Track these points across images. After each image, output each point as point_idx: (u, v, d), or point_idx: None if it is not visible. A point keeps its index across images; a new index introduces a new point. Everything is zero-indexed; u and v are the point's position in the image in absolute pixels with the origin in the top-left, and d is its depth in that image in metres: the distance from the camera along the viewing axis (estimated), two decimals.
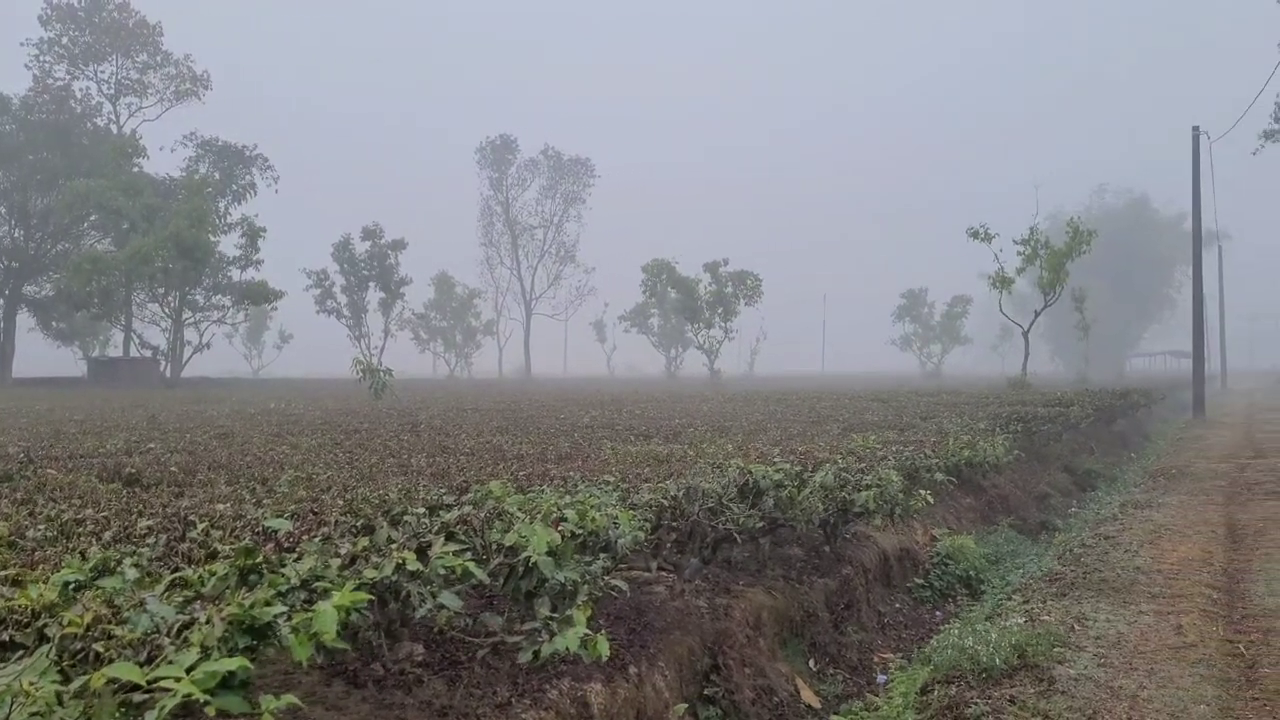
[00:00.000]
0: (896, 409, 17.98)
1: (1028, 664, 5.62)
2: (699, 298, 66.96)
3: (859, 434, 11.32)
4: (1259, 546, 9.49)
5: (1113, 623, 6.65)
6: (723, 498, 5.78)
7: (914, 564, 8.95)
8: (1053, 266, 32.52)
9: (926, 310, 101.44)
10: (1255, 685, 5.39)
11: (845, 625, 7.17)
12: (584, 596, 3.85)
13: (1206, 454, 19.41)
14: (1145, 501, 12.72)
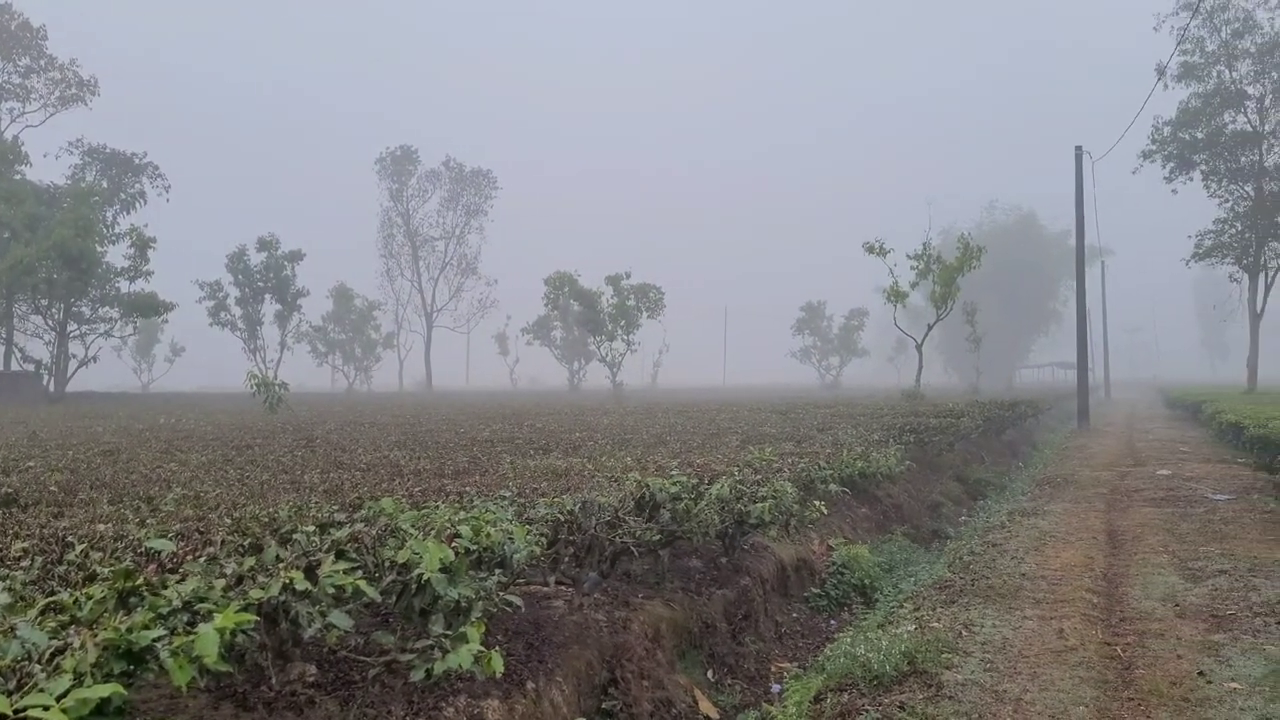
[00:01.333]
0: (794, 421, 18.23)
1: (917, 670, 5.75)
2: (601, 310, 67.01)
3: (756, 446, 11.45)
4: (1137, 551, 9.87)
5: (999, 628, 6.85)
6: (619, 511, 5.80)
7: (811, 573, 9.08)
8: (944, 281, 33.40)
9: (825, 323, 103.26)
10: (1130, 686, 5.61)
11: (743, 636, 7.24)
12: (478, 613, 3.83)
13: (1090, 462, 20.12)
14: (1032, 509, 13.13)
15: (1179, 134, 49.73)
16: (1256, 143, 48.84)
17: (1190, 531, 10.98)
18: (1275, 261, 48.97)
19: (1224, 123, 49.46)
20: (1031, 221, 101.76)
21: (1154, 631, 6.75)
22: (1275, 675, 5.72)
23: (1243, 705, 5.24)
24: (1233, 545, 10.03)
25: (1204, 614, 7.22)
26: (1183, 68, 49.05)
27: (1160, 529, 11.21)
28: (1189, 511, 12.53)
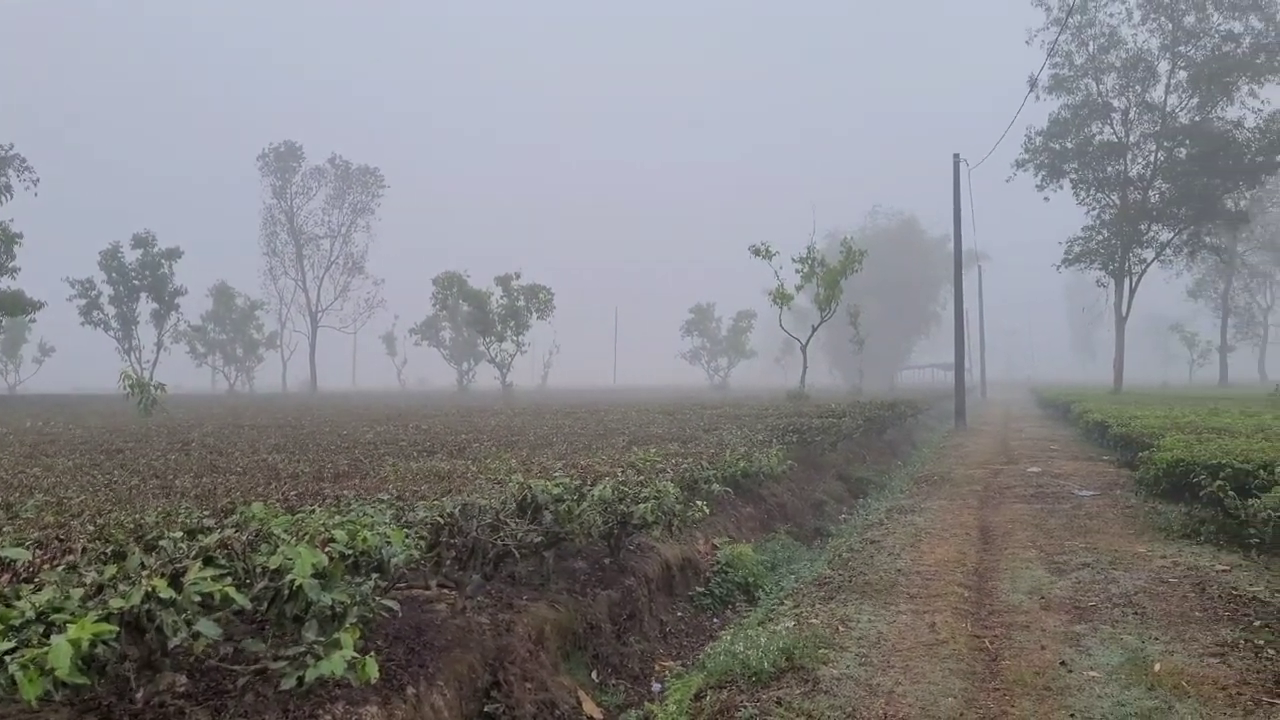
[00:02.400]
0: (681, 422, 18.39)
1: (795, 666, 5.87)
2: (491, 311, 66.56)
3: (641, 447, 11.53)
4: (1007, 547, 10.23)
5: (874, 623, 7.03)
6: (500, 514, 5.78)
7: (696, 573, 9.17)
8: (828, 284, 34.10)
9: (714, 325, 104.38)
10: (997, 677, 5.82)
11: (628, 635, 7.28)
12: (353, 618, 3.78)
13: (965, 461, 20.76)
14: (910, 507, 13.49)
15: (1050, 144, 51.71)
16: (1121, 153, 51.08)
17: (1057, 527, 11.42)
18: (1139, 267, 51.29)
19: (1092, 133, 51.62)
20: (913, 226, 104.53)
21: (1020, 624, 7.02)
22: (1131, 663, 5.99)
23: (1100, 693, 5.49)
24: (1096, 539, 10.48)
25: (1067, 606, 7.53)
26: (1053, 80, 51.04)
27: (1030, 525, 11.63)
28: (1057, 507, 13.03)
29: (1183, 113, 50.26)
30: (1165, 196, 50.20)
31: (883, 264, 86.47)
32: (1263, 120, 47.43)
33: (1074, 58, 51.61)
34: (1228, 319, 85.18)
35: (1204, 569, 8.78)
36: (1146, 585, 8.19)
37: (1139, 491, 13.62)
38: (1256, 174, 49.02)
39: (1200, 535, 10.28)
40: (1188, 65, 49.43)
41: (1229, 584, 8.12)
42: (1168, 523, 11.09)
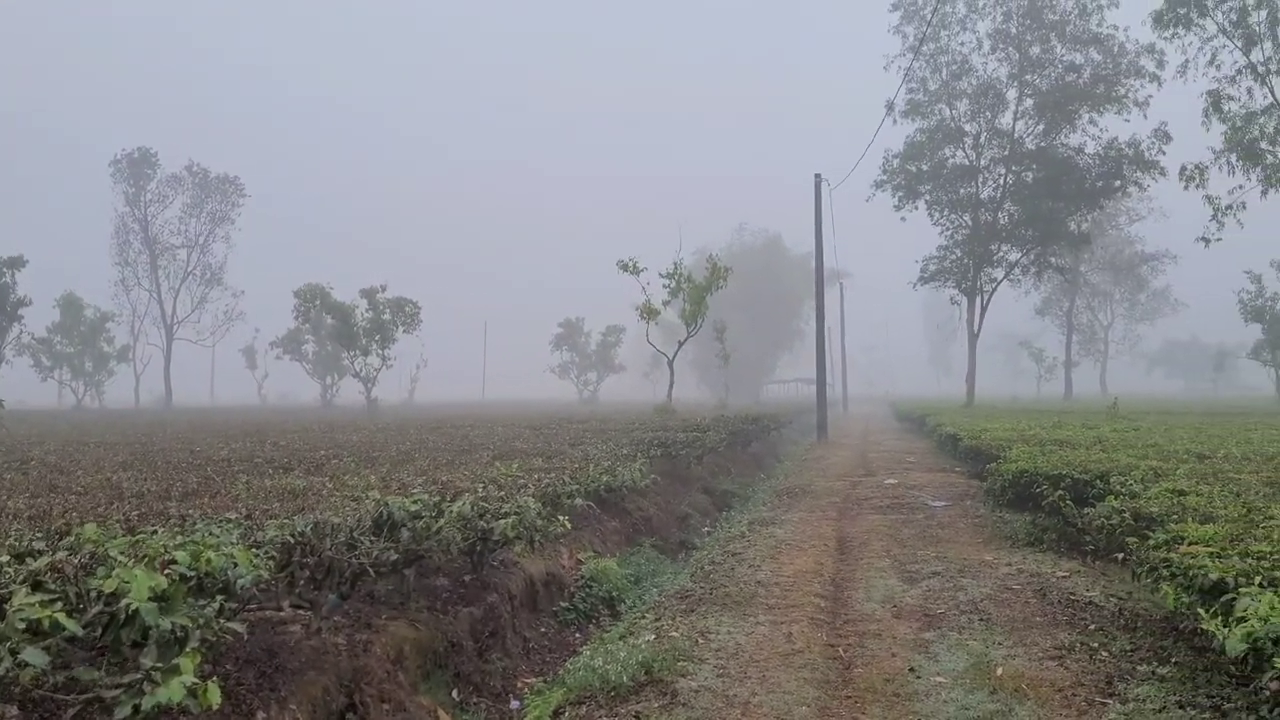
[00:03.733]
0: (547, 436, 18.35)
1: (654, 679, 5.91)
2: (356, 324, 65.14)
3: (504, 462, 11.46)
4: (863, 557, 10.51)
5: (733, 634, 7.14)
6: (355, 531, 5.67)
7: (560, 587, 9.15)
8: (694, 300, 34.54)
9: (584, 339, 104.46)
10: (849, 684, 5.98)
11: (490, 653, 7.21)
12: (195, 643, 3.65)
13: (826, 473, 21.25)
14: (771, 519, 13.74)
15: (906, 166, 53.49)
16: (973, 176, 53.22)
17: (911, 537, 11.79)
18: (990, 286, 53.46)
19: (945, 157, 53.63)
20: (778, 244, 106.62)
21: (873, 632, 7.22)
22: (975, 668, 6.23)
23: (946, 697, 5.69)
24: (946, 549, 10.85)
25: (918, 614, 7.78)
26: (910, 105, 52.86)
27: (885, 535, 11.98)
28: (911, 518, 13.45)
29: (1030, 138, 52.66)
30: (1014, 218, 52.49)
31: (749, 281, 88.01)
32: (1101, 147, 50.13)
33: (929, 84, 53.62)
34: (1072, 335, 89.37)
35: (1045, 575, 9.19)
36: (992, 592, 8.52)
37: (987, 501, 14.15)
38: (1096, 198, 51.72)
39: (1043, 543, 10.74)
40: (1034, 94, 51.85)
41: (1068, 590, 8.51)
42: (1013, 531, 11.55)
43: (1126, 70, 49.42)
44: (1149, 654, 6.44)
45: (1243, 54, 35.78)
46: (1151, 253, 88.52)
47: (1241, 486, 9.23)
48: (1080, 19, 50.85)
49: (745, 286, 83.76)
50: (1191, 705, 5.37)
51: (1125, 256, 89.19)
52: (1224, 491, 8.82)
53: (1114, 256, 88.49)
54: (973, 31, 52.95)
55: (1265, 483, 9.58)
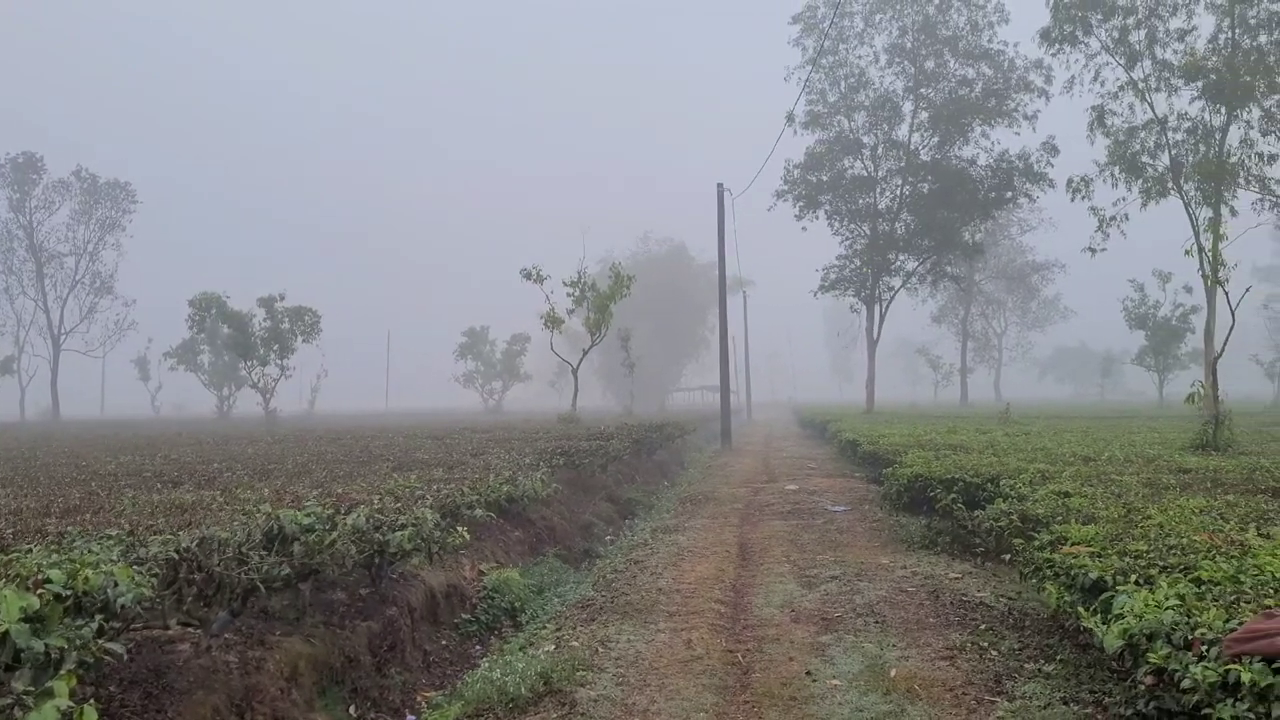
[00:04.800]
0: (449, 446, 18.16)
1: (553, 690, 5.89)
2: (253, 334, 63.67)
3: (405, 473, 11.32)
4: (763, 562, 10.63)
5: (633, 642, 7.16)
6: (244, 546, 5.53)
7: (462, 599, 9.06)
8: (599, 308, 34.59)
9: (489, 348, 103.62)
10: (747, 689, 6.04)
11: (389, 667, 7.11)
12: (71, 664, 3.52)
13: (729, 480, 21.45)
14: (674, 526, 13.81)
15: (807, 176, 54.36)
16: (871, 187, 54.33)
17: (811, 542, 11.97)
18: (888, 294, 54.61)
19: (844, 167, 54.65)
20: (682, 252, 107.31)
21: (771, 637, 7.31)
22: (870, 670, 6.35)
23: (841, 700, 5.79)
24: (845, 553, 11.04)
25: (815, 618, 7.90)
26: (809, 116, 53.77)
27: (785, 540, 12.14)
28: (811, 523, 13.65)
29: (925, 150, 53.99)
30: (910, 228, 53.74)
31: (654, 289, 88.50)
32: (993, 159, 51.69)
33: (828, 95, 54.64)
34: (967, 343, 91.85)
35: (939, 577, 9.41)
36: (888, 595, 8.69)
37: (884, 506, 14.44)
38: (989, 208, 53.29)
39: (937, 546, 11.00)
40: (929, 107, 53.21)
41: (960, 591, 8.74)
42: (909, 535, 11.81)
43: (1016, 85, 51.08)
44: (1036, 652, 6.65)
45: (1125, 71, 37.22)
46: (1042, 262, 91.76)
47: (1122, 488, 9.58)
48: (972, 34, 52.41)
49: (651, 295, 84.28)
50: (1075, 701, 5.56)
51: (1017, 266, 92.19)
52: (1106, 493, 9.15)
53: (1006, 265, 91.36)
54: (870, 45, 54.21)
55: (1144, 484, 9.96)
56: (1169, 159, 36.42)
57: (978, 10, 52.13)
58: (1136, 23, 36.46)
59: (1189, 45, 36.16)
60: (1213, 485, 9.85)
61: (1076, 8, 36.92)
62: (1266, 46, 33.85)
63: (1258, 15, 33.96)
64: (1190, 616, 4.46)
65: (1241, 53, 34.07)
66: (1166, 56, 36.42)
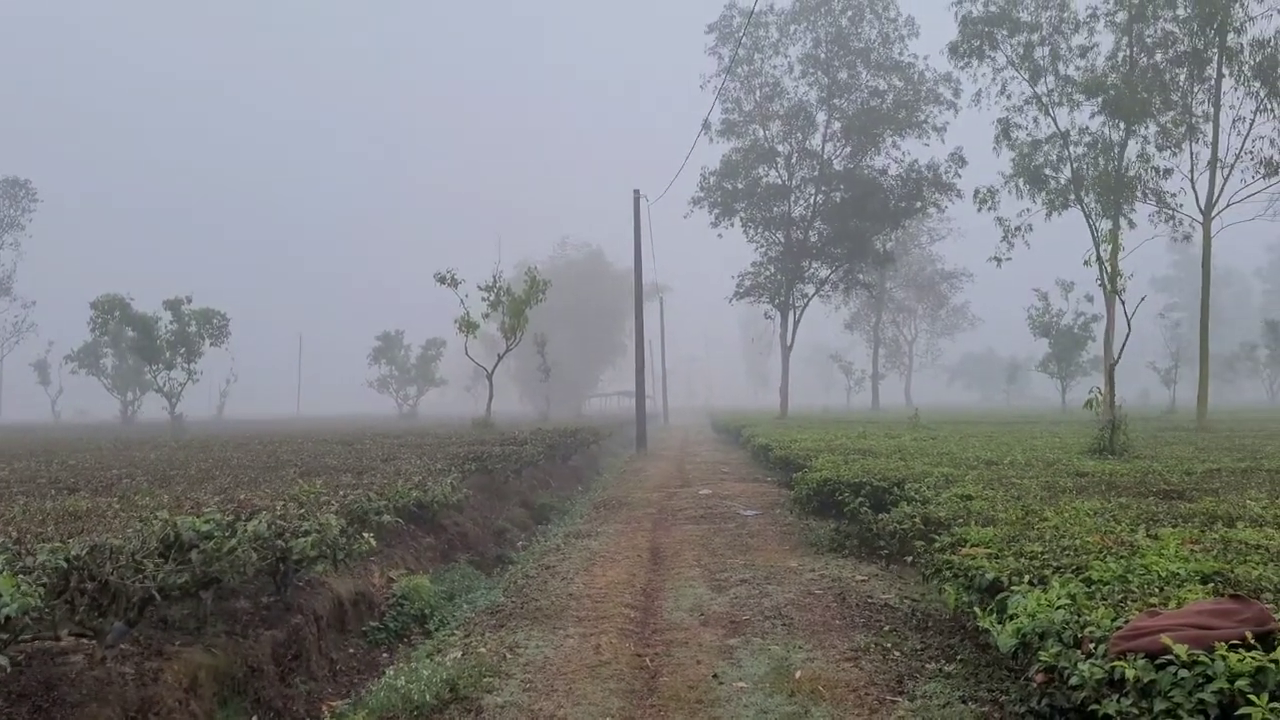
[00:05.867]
0: (359, 452, 17.93)
1: (459, 697, 5.85)
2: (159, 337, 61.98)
3: (312, 479, 11.14)
4: (674, 567, 10.69)
5: (541, 648, 7.14)
6: (138, 554, 5.40)
7: (370, 607, 8.94)
8: (514, 312, 34.40)
9: (403, 353, 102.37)
10: (654, 693, 6.07)
11: (294, 676, 6.99)
12: None
13: (643, 485, 21.52)
14: (587, 531, 13.82)
15: (722, 184, 54.87)
16: (785, 195, 55.05)
17: (722, 546, 12.06)
18: (801, 301, 55.37)
19: (759, 176, 55.31)
20: (600, 258, 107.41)
21: (680, 640, 7.35)
22: (776, 672, 6.43)
23: (746, 702, 5.85)
24: (755, 556, 11.16)
25: (724, 621, 7.97)
26: (725, 124, 54.32)
27: (697, 544, 12.22)
28: (723, 527, 13.77)
29: (837, 160, 54.92)
30: (824, 236, 54.59)
31: (572, 294, 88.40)
32: (903, 169, 52.84)
33: (743, 104, 55.27)
34: (879, 349, 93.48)
35: (846, 580, 9.57)
36: (795, 598, 8.81)
37: (795, 509, 14.62)
38: (899, 218, 54.43)
39: (845, 549, 11.17)
40: (841, 117, 54.15)
41: (866, 593, 8.90)
42: (818, 538, 11.98)
43: (926, 97, 52.33)
44: (937, 652, 6.80)
45: (1029, 85, 38.26)
46: (950, 271, 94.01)
47: (1022, 491, 9.86)
48: (884, 47, 53.50)
49: (568, 300, 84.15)
50: (974, 699, 5.69)
51: (927, 274, 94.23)
52: (1006, 496, 9.41)
53: (916, 274, 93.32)
54: (785, 55, 55.05)
55: (1043, 487, 10.26)
56: (1071, 172, 37.52)
57: (889, 23, 53.29)
58: (1040, 39, 37.53)
59: (1090, 62, 37.37)
60: (1107, 488, 10.19)
61: (984, 23, 37.86)
62: (1162, 65, 35.06)
63: (1154, 34, 35.19)
64: (1080, 615, 4.61)
65: (1139, 70, 35.28)
66: (1069, 72, 37.55)
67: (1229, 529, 6.99)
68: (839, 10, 53.66)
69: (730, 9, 53.20)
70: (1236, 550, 6.01)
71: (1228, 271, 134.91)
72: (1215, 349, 49.59)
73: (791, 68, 54.93)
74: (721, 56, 53.30)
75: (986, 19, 37.82)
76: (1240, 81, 33.69)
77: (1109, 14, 36.44)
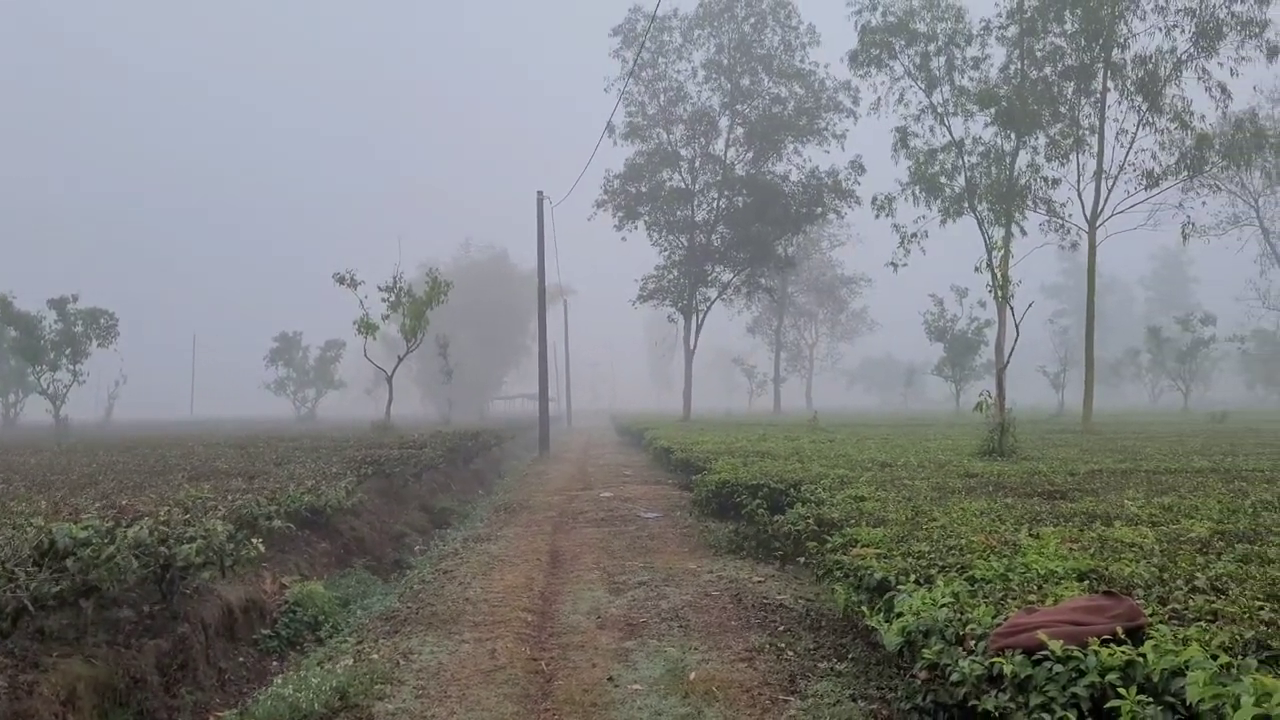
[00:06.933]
0: (252, 455, 17.52)
1: (349, 704, 5.76)
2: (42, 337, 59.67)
3: (200, 484, 10.86)
4: (573, 570, 10.68)
5: (436, 654, 7.07)
6: (8, 563, 5.19)
7: (262, 614, 8.74)
8: (415, 314, 33.99)
9: (301, 354, 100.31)
10: (549, 697, 6.06)
11: (179, 687, 6.79)
12: None
13: (545, 488, 21.45)
14: (486, 535, 13.71)
15: (626, 187, 55.06)
16: (689, 199, 55.46)
17: (621, 548, 12.09)
18: (704, 305, 55.85)
19: (663, 179, 55.64)
20: (504, 260, 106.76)
21: (576, 644, 7.35)
22: (671, 674, 6.47)
23: (641, 704, 5.87)
24: (654, 559, 11.21)
25: (621, 624, 7.99)
26: (629, 127, 54.49)
27: (597, 547, 12.23)
28: (623, 530, 13.79)
29: (740, 165, 55.54)
30: (726, 241, 55.14)
31: (475, 296, 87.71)
32: (804, 176, 53.70)
33: (647, 108, 55.56)
34: (780, 353, 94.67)
35: (743, 581, 9.67)
36: (693, 599, 8.88)
37: (695, 511, 14.74)
38: (800, 223, 55.28)
39: (743, 550, 11.29)
40: (744, 123, 54.81)
41: (762, 594, 9.01)
42: (717, 540, 12.09)
43: (826, 105, 53.25)
44: (830, 651, 6.92)
45: (925, 95, 39.16)
46: (850, 276, 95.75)
47: (913, 491, 10.09)
48: (785, 54, 54.28)
49: (472, 302, 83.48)
50: (863, 697, 5.81)
51: (827, 279, 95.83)
52: (898, 497, 9.62)
53: (817, 279, 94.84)
54: (688, 61, 55.53)
55: (934, 488, 10.52)
56: (965, 180, 38.49)
57: (791, 31, 54.08)
58: (937, 50, 38.41)
59: (983, 74, 38.37)
60: (994, 489, 10.49)
61: (882, 33, 38.61)
62: (1051, 78, 36.21)
63: (1043, 49, 36.32)
64: (963, 614, 4.73)
65: (1029, 83, 36.35)
66: (963, 83, 38.49)
67: (1107, 528, 7.24)
68: (742, 17, 54.29)
69: (635, 13, 53.42)
70: (1112, 548, 6.24)
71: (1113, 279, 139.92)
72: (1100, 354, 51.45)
73: (695, 73, 55.47)
74: (626, 60, 53.47)
75: (885, 28, 38.58)
76: (1124, 95, 35.09)
77: (1001, 27, 37.50)
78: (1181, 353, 69.80)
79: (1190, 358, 69.54)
